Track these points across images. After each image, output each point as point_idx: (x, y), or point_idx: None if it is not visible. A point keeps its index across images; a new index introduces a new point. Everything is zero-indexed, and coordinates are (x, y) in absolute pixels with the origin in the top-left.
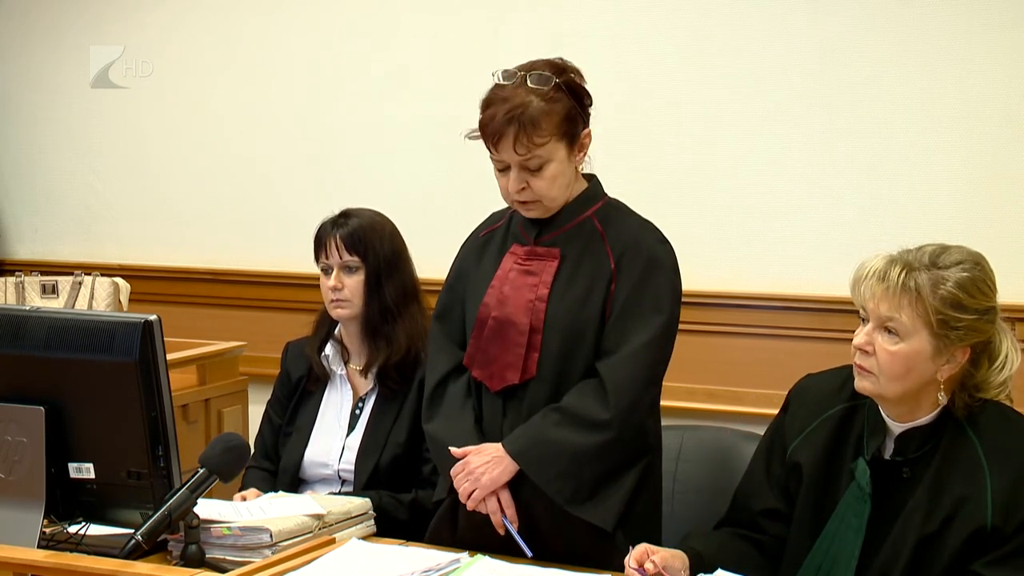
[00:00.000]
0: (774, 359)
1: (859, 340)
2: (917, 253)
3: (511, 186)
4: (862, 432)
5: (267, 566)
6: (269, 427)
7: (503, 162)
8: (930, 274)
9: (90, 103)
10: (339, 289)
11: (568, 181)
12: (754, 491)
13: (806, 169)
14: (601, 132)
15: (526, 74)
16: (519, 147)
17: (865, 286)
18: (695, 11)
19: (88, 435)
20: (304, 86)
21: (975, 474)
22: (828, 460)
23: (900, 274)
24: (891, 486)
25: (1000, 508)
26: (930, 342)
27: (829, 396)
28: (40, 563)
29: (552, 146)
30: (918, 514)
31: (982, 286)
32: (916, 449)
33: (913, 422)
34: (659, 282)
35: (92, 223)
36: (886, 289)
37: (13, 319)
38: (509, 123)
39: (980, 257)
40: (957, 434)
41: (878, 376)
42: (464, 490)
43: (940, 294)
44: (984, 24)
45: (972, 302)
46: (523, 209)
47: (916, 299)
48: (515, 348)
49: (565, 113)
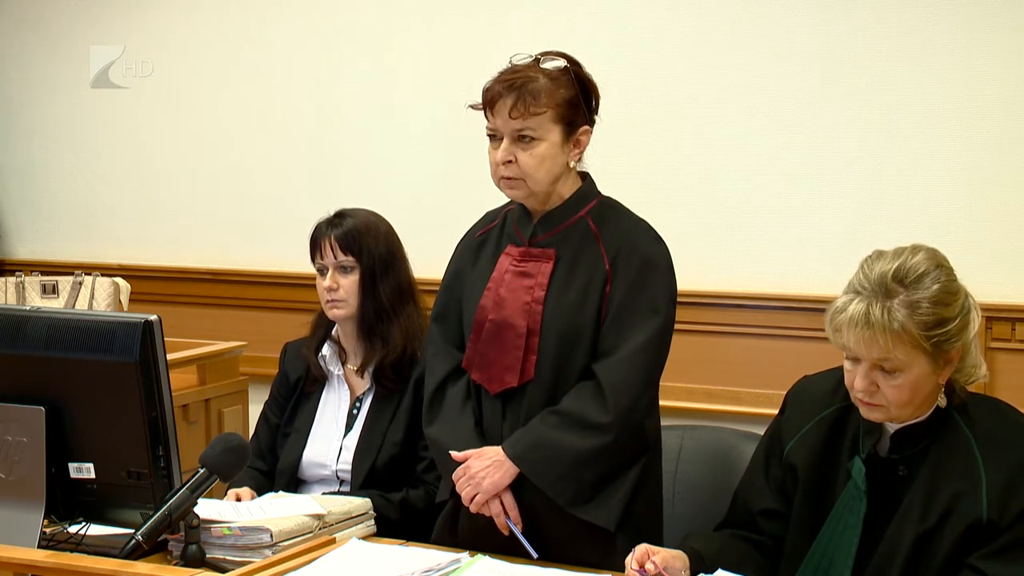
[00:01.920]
0: (773, 359)
1: (860, 385)
2: (879, 278)
3: (499, 156)
4: (857, 431)
5: (267, 566)
6: (265, 427)
7: (497, 130)
8: (904, 300)
9: (90, 103)
10: (334, 289)
11: (557, 170)
12: (753, 492)
13: (806, 169)
14: (600, 132)
15: (540, 57)
16: (514, 112)
17: (849, 335)
18: (695, 11)
19: (88, 435)
20: (304, 86)
21: (970, 468)
22: (824, 460)
23: (881, 315)
24: (887, 484)
25: (995, 501)
26: (928, 363)
27: (824, 397)
28: (40, 563)
29: (547, 124)
30: (915, 510)
31: (951, 287)
32: (912, 446)
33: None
34: (655, 283)
35: (92, 223)
36: (872, 335)
37: (13, 319)
38: (510, 89)
39: (935, 254)
40: (951, 430)
41: (888, 407)
42: (466, 494)
43: (922, 320)
44: (984, 24)
45: (950, 310)
46: (506, 187)
47: (904, 335)
48: (513, 351)
49: (568, 97)
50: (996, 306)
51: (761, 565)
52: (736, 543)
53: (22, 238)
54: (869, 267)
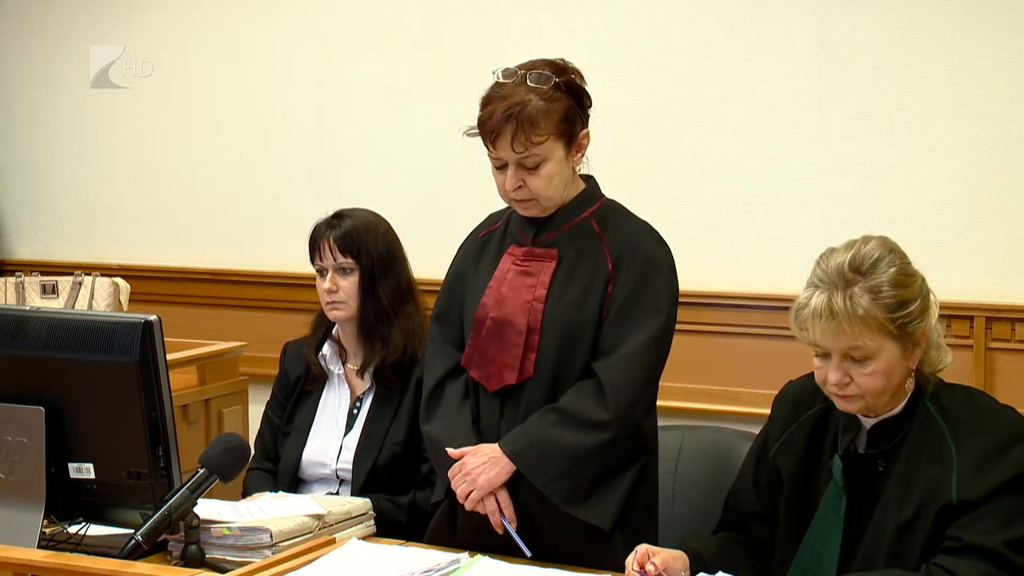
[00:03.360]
0: (773, 359)
1: (834, 378)
2: (835, 269)
3: (508, 184)
4: (837, 430)
5: (267, 566)
6: (268, 428)
7: (501, 160)
8: (865, 287)
9: (90, 103)
10: (334, 291)
11: (565, 181)
12: (742, 495)
13: (805, 169)
14: (600, 132)
15: (526, 73)
16: (517, 145)
17: (814, 329)
18: (695, 11)
19: (88, 435)
20: (304, 86)
21: (944, 457)
22: (806, 462)
23: (844, 303)
24: (866, 480)
25: (965, 483)
26: (896, 346)
27: (806, 399)
28: (40, 563)
29: (550, 145)
30: (893, 503)
31: (908, 270)
32: (888, 441)
33: (884, 415)
34: (657, 283)
35: (92, 223)
36: (839, 324)
37: (13, 319)
38: (507, 120)
39: (886, 240)
40: (926, 421)
41: (864, 396)
42: (462, 491)
43: (884, 303)
44: (984, 24)
45: (910, 292)
46: (520, 207)
47: (869, 320)
48: (512, 349)
49: (564, 113)
50: (996, 306)
51: (757, 568)
52: (732, 545)
53: (22, 238)
54: (825, 262)
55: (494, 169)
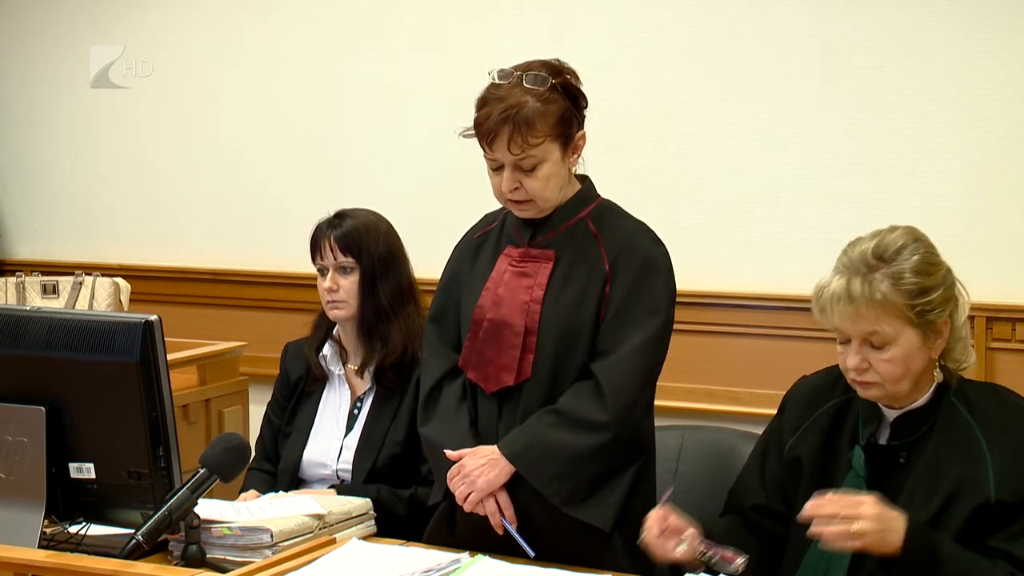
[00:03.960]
0: (773, 359)
1: (852, 362)
2: (859, 256)
3: (504, 186)
4: (857, 421)
5: (267, 566)
6: (269, 429)
7: (497, 161)
8: (886, 273)
9: (90, 103)
10: (335, 290)
11: (562, 182)
12: (744, 489)
13: (806, 169)
14: (600, 132)
15: (522, 74)
16: (513, 147)
17: (834, 312)
18: (695, 11)
19: (88, 435)
20: (304, 86)
21: (973, 452)
22: (825, 452)
23: (863, 288)
24: (888, 471)
25: (1003, 482)
26: (916, 334)
27: (823, 392)
28: (40, 563)
29: (546, 147)
30: (918, 496)
31: (932, 259)
32: (911, 433)
33: (907, 407)
34: (655, 284)
35: (92, 223)
36: (857, 309)
37: (14, 319)
38: (504, 123)
39: (913, 230)
40: (951, 415)
41: (883, 383)
42: (460, 493)
43: (905, 289)
44: (984, 24)
45: (932, 280)
46: (516, 209)
47: (888, 305)
48: (510, 350)
49: (560, 114)
50: (996, 306)
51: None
52: (738, 528)
53: (22, 238)
54: (851, 249)
55: (490, 170)
